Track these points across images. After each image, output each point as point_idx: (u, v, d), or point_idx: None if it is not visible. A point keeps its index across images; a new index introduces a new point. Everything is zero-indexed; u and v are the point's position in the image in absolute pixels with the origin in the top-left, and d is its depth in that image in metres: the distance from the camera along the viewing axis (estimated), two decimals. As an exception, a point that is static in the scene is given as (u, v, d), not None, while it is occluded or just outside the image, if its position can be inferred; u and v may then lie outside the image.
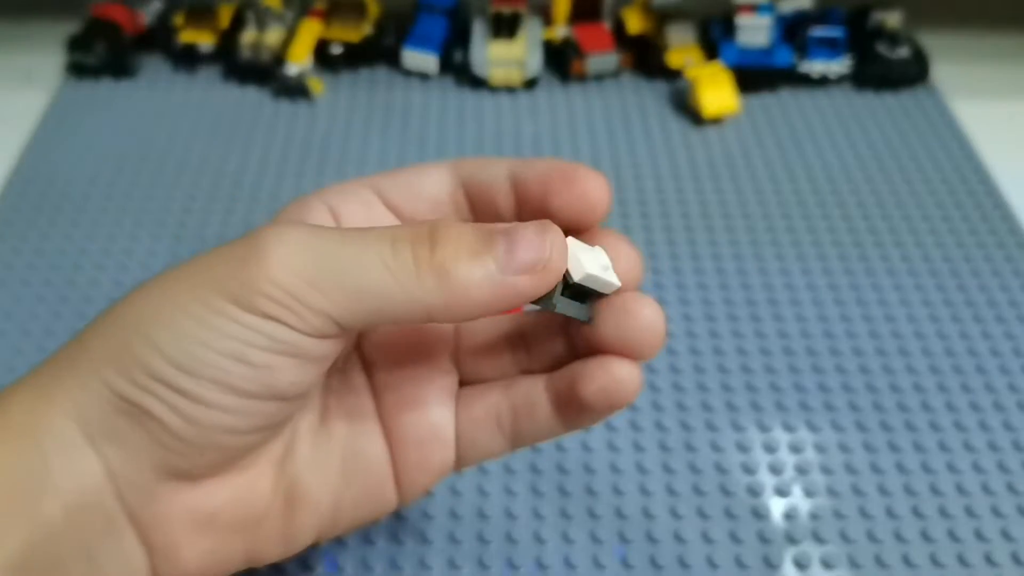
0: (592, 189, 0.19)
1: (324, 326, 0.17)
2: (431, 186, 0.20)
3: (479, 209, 0.20)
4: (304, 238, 0.17)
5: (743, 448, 0.29)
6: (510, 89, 0.45)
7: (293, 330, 0.17)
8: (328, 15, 0.45)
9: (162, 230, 0.37)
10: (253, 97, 0.44)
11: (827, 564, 0.26)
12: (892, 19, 0.45)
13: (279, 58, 0.44)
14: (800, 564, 0.26)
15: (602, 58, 0.45)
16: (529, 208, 0.19)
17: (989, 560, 0.26)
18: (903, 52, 0.44)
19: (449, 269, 0.17)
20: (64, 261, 0.35)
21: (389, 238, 0.17)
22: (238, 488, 0.19)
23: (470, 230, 0.17)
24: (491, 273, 0.17)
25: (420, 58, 0.45)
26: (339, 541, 0.26)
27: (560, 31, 0.45)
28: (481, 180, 0.20)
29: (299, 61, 0.43)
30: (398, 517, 0.27)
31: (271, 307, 0.17)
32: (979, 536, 0.27)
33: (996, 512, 0.28)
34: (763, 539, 0.27)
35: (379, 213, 0.20)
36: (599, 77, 0.45)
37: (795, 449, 0.29)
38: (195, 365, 0.17)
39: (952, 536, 0.27)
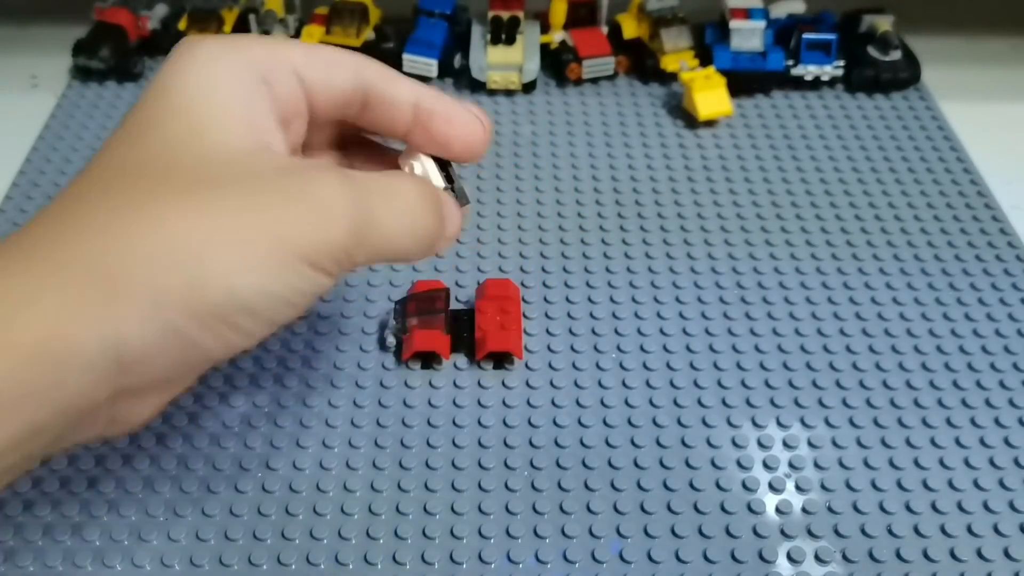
0: (481, 142, 0.24)
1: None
2: (342, 82, 0.22)
3: (372, 116, 0.23)
4: (355, 197, 0.20)
5: (738, 444, 0.30)
6: (508, 92, 0.45)
7: (333, 279, 0.20)
8: (329, 20, 0.45)
9: (166, 232, 0.37)
10: (255, 101, 0.44)
11: (821, 559, 0.27)
12: (884, 23, 0.45)
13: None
14: (794, 559, 0.27)
15: (598, 62, 0.45)
16: (421, 132, 0.23)
17: (981, 556, 0.27)
18: (895, 55, 0.45)
19: (439, 244, 0.23)
20: (70, 263, 0.36)
21: (421, 209, 0.22)
22: None
23: (449, 211, 0.23)
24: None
25: (420, 63, 0.45)
26: (343, 537, 0.27)
27: (557, 36, 0.46)
28: (385, 96, 0.23)
29: (300, 65, 0.44)
30: (400, 513, 0.27)
31: (335, 268, 0.20)
32: (971, 532, 0.27)
33: (988, 508, 0.28)
34: (758, 534, 0.27)
35: (297, 99, 0.22)
36: (595, 81, 0.46)
37: (789, 445, 0.30)
38: (260, 310, 0.18)
39: (944, 532, 0.27)
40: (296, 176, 0.19)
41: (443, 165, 0.24)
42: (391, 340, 0.32)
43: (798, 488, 0.29)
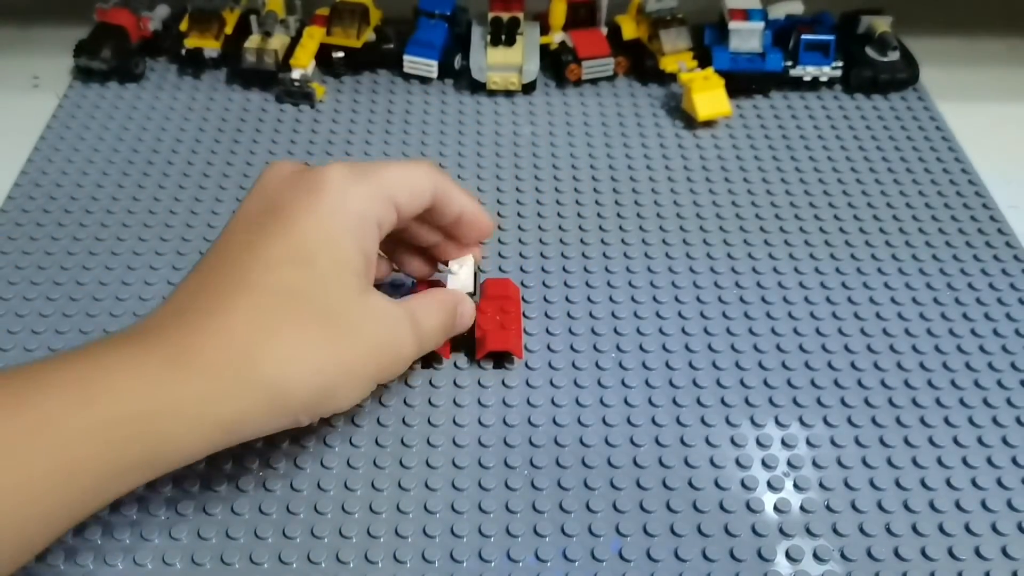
0: (489, 237, 0.32)
1: None
2: (423, 203, 0.29)
3: (426, 216, 0.30)
4: (417, 342, 0.28)
5: (737, 443, 0.30)
6: (508, 93, 0.45)
7: None
8: (330, 21, 0.46)
9: (168, 232, 0.37)
10: (257, 101, 0.45)
11: (819, 558, 0.27)
12: (882, 24, 0.45)
13: (283, 63, 0.44)
14: (792, 558, 0.27)
15: (598, 63, 0.45)
16: (456, 236, 0.31)
17: (979, 554, 0.27)
18: (893, 56, 0.45)
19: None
20: (71, 263, 0.36)
21: (447, 326, 0.30)
22: None
23: (463, 313, 0.31)
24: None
25: (420, 63, 0.45)
26: (343, 536, 0.27)
27: (557, 37, 0.46)
28: (444, 209, 0.29)
29: (302, 66, 0.44)
30: (400, 512, 0.28)
31: None
32: (969, 531, 0.27)
33: (986, 507, 0.28)
34: (756, 533, 0.27)
35: (390, 229, 0.29)
36: (595, 81, 0.46)
37: (788, 444, 0.30)
38: (342, 409, 0.27)
39: (942, 531, 0.27)
40: (390, 327, 0.27)
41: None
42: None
43: (797, 487, 0.29)
